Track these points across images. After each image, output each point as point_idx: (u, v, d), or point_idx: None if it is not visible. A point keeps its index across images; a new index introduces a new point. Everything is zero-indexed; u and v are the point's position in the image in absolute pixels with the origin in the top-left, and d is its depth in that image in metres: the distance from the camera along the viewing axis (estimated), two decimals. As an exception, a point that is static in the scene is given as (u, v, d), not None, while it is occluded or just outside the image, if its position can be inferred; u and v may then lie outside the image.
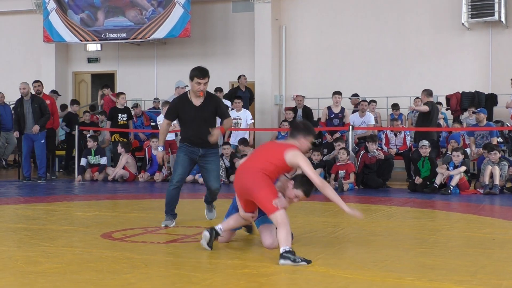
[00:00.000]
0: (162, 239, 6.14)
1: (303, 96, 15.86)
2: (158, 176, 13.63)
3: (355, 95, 16.07)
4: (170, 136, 14.09)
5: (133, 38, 18.18)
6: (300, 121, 6.42)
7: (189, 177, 13.28)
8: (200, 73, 6.96)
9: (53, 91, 16.99)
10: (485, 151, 11.40)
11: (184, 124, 7.11)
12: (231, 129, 14.04)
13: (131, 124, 14.77)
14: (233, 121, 13.97)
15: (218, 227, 5.59)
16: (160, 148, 7.39)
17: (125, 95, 14.92)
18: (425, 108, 12.41)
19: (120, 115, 14.41)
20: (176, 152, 7.60)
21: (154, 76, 19.57)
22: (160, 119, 14.16)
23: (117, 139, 14.36)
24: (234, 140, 13.90)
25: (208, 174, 7.11)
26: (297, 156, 5.52)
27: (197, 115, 6.93)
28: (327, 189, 5.52)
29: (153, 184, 13.13)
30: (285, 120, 14.69)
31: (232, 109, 15.21)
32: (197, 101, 6.96)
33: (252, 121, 14.30)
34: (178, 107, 7.07)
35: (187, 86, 15.04)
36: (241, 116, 14.11)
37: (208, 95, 7.08)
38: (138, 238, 6.21)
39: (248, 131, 14.12)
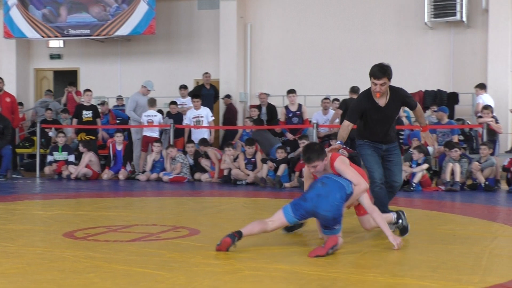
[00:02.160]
0: (125, 237, 6.08)
1: (267, 94, 15.89)
2: (122, 174, 13.53)
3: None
4: (150, 132, 14.00)
5: (97, 35, 18.01)
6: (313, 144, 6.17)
7: (154, 175, 13.23)
8: (376, 72, 6.20)
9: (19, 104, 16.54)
10: (446, 148, 11.57)
11: (367, 123, 6.51)
12: (194, 126, 13.99)
13: (99, 122, 14.64)
14: (194, 119, 13.96)
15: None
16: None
17: (91, 93, 14.77)
18: (337, 113, 12.71)
19: (84, 112, 14.28)
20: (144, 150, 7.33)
21: (118, 74, 19.40)
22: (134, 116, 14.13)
23: (83, 138, 14.21)
24: (196, 138, 13.81)
25: (393, 167, 6.53)
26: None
27: (383, 116, 6.37)
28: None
29: (117, 182, 13.02)
30: (249, 117, 14.71)
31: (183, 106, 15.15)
32: (381, 101, 6.32)
33: (213, 118, 14.25)
34: (363, 109, 6.41)
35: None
36: (201, 114, 14.06)
37: (392, 92, 6.40)
38: (101, 237, 6.15)
39: (209, 129, 14.08)
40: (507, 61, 15.69)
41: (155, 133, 14.12)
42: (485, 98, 13.80)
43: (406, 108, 15.23)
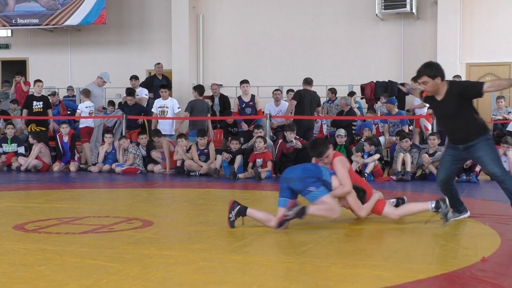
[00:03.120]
0: (77, 229, 6.00)
1: (220, 85, 15.86)
2: (73, 166, 13.34)
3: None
4: (86, 123, 13.84)
5: (46, 25, 17.69)
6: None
7: (106, 167, 13.08)
8: (417, 72, 6.12)
9: None
10: (397, 137, 11.73)
11: (439, 122, 6.64)
12: (159, 118, 13.83)
13: (50, 113, 14.40)
14: (159, 109, 13.86)
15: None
16: None
17: (42, 83, 14.50)
18: (292, 104, 12.79)
19: (35, 103, 14.03)
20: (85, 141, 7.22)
21: (68, 64, 19.10)
22: (81, 108, 13.89)
23: (33, 129, 13.96)
24: (162, 129, 13.65)
25: (482, 162, 6.19)
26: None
27: (443, 112, 6.22)
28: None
29: (68, 174, 12.84)
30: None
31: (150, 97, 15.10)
32: (439, 97, 6.14)
33: (179, 109, 14.10)
34: (431, 107, 6.47)
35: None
36: (167, 104, 13.93)
37: (450, 85, 6.14)
38: (53, 229, 6.06)
39: (173, 120, 13.96)
40: (456, 52, 16.00)
41: (90, 123, 13.97)
42: None
43: (358, 99, 15.54)
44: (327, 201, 5.94)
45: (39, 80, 14.54)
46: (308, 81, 13.18)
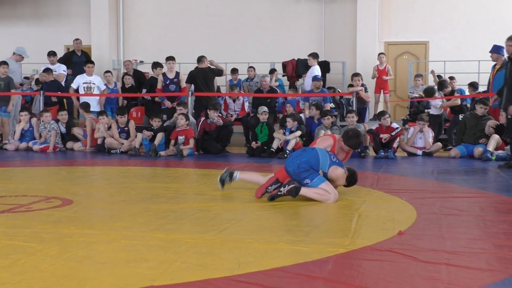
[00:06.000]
0: (-7, 209, 5.82)
1: (131, 61, 15.64)
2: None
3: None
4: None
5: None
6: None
7: (23, 145, 12.73)
8: None
9: None
10: (317, 112, 11.89)
11: None
12: (70, 94, 13.55)
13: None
14: (84, 85, 13.63)
15: (236, 173, 6.91)
16: None
17: None
18: (186, 88, 13.19)
19: None
20: None
21: (-18, 38, 18.38)
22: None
23: None
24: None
25: None
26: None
27: None
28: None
29: (-18, 152, 12.42)
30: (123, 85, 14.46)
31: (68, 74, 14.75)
32: None
33: (105, 87, 13.95)
34: None
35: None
36: (93, 80, 13.74)
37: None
38: (-33, 209, 5.85)
39: (98, 97, 13.74)
40: (374, 31, 16.31)
41: None
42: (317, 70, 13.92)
43: (280, 77, 15.65)
44: (323, 188, 6.30)
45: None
46: (198, 59, 13.26)
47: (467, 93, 13.81)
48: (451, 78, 14.42)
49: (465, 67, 15.23)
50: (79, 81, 13.73)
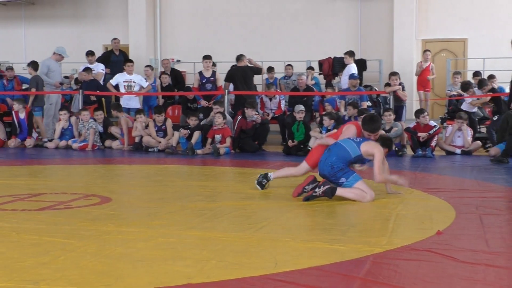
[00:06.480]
0: (34, 206, 5.92)
1: (170, 59, 15.72)
2: (29, 142, 13.13)
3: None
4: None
5: (-1, -2, 17.26)
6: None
7: (62, 143, 12.91)
8: None
9: None
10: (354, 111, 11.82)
11: None
12: (105, 93, 13.70)
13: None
14: (125, 83, 13.80)
15: (270, 174, 6.98)
16: None
17: None
18: (225, 86, 13.18)
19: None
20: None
21: (23, 38, 18.70)
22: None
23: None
24: (125, 103, 13.62)
25: None
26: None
27: None
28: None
29: (24, 150, 12.63)
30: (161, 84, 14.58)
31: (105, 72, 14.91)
32: None
33: (148, 84, 14.12)
34: None
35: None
36: (134, 79, 13.90)
37: None
38: (8, 206, 5.96)
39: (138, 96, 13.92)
40: (411, 29, 16.14)
41: None
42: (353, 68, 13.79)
43: (316, 75, 15.59)
44: (359, 187, 6.27)
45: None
46: (237, 58, 13.29)
47: (507, 91, 13.57)
48: (491, 76, 14.18)
49: (507, 65, 14.97)
50: (119, 79, 13.88)
